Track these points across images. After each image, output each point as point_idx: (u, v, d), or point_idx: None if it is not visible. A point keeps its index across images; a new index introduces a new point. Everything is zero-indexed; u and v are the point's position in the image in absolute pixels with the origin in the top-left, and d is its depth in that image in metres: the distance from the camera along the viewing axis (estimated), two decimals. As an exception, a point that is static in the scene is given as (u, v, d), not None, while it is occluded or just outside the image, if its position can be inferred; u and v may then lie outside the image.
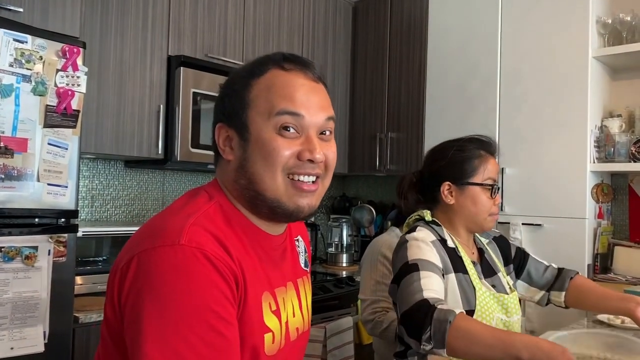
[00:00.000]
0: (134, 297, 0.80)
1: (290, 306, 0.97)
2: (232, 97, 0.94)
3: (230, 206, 0.93)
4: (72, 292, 1.84)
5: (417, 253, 1.40)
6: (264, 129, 0.90)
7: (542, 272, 1.71)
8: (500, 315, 1.47)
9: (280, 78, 0.92)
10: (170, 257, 0.79)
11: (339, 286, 2.80)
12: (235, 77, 0.96)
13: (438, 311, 1.19)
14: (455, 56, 2.96)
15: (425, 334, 1.18)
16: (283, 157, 0.89)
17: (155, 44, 2.49)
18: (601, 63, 2.63)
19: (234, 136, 0.93)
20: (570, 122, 2.56)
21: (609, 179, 2.74)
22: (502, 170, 2.73)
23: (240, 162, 0.92)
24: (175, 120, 2.48)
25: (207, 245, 0.82)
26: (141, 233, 0.87)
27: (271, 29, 3.01)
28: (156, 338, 0.76)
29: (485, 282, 1.52)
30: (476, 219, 1.53)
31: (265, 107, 0.90)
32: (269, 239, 0.96)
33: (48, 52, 1.73)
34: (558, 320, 2.14)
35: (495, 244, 1.70)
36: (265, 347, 0.88)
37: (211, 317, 0.78)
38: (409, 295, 1.28)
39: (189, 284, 0.78)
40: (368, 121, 3.43)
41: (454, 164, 1.53)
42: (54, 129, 1.75)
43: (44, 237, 1.74)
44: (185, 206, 0.90)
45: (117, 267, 0.85)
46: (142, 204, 2.83)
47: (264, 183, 0.90)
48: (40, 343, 1.70)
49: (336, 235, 3.39)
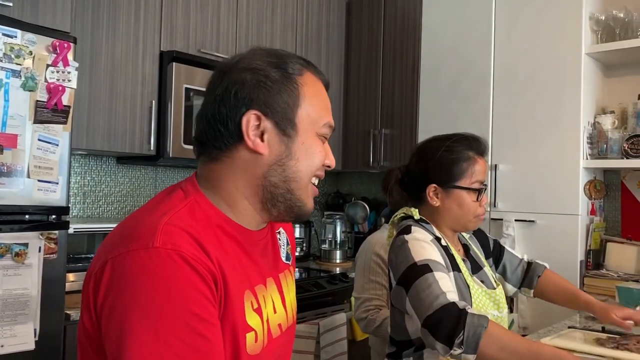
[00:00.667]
0: (110, 305, 0.77)
1: (271, 303, 0.95)
2: (274, 89, 0.89)
3: (208, 203, 0.90)
4: (63, 290, 1.83)
5: (422, 254, 1.37)
6: (310, 131, 0.92)
7: (515, 266, 1.72)
8: (494, 312, 1.47)
9: (319, 85, 0.95)
10: (145, 261, 0.77)
11: (333, 283, 2.80)
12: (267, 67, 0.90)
13: (471, 316, 1.19)
14: (449, 53, 2.96)
15: (458, 339, 1.18)
16: (321, 162, 0.94)
17: (148, 39, 2.47)
18: (594, 60, 2.63)
19: (271, 129, 0.89)
20: (563, 118, 2.56)
21: (601, 175, 2.74)
22: (495, 167, 2.73)
23: (280, 159, 0.90)
24: (167, 116, 2.47)
25: (183, 245, 0.79)
26: (114, 235, 0.84)
27: (264, 24, 2.99)
28: (137, 345, 0.74)
29: (474, 278, 1.52)
30: (461, 221, 1.52)
31: (314, 113, 0.92)
32: (249, 235, 0.93)
33: (38, 47, 1.72)
34: (551, 316, 2.14)
35: (475, 238, 1.69)
36: (247, 346, 0.86)
37: (192, 319, 0.76)
38: (431, 298, 1.26)
39: (166, 287, 0.76)
40: (362, 118, 3.42)
41: (440, 166, 1.49)
42: (44, 125, 1.73)
43: (35, 233, 1.72)
44: (159, 205, 0.87)
45: (90, 272, 0.82)
46: (135, 200, 2.81)
47: (302, 182, 0.92)
48: (30, 341, 1.69)
49: (330, 232, 3.39)
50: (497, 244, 1.74)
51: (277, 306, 0.97)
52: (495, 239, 1.76)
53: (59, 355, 1.81)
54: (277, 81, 0.90)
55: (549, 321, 1.95)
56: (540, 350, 1.17)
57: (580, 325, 1.77)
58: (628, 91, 2.66)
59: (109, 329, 0.77)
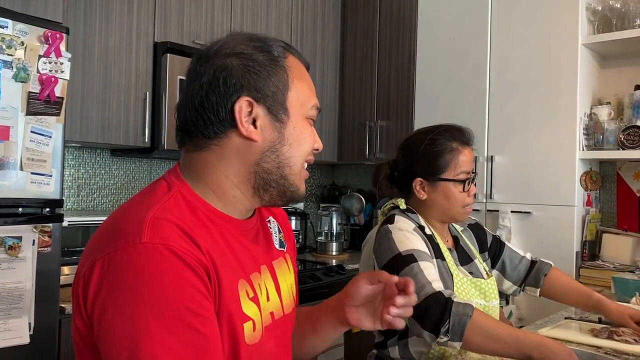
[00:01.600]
0: (100, 305, 0.75)
1: (265, 291, 0.93)
2: (263, 73, 0.87)
3: (193, 194, 0.87)
4: (58, 283, 1.82)
5: (406, 244, 1.38)
6: (299, 115, 0.91)
7: (517, 263, 1.70)
8: (479, 301, 1.47)
9: (302, 68, 0.94)
10: (134, 259, 0.75)
11: (329, 275, 2.80)
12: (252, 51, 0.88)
13: (456, 305, 1.22)
14: (445, 44, 2.94)
15: (444, 327, 1.21)
16: (312, 146, 0.93)
17: (141, 30, 2.44)
18: (591, 50, 2.62)
19: (263, 115, 0.87)
20: (559, 109, 2.56)
21: (597, 166, 2.75)
22: (491, 158, 2.73)
23: (273, 145, 0.88)
24: (161, 108, 2.44)
25: (171, 239, 0.77)
26: (100, 234, 0.82)
27: (259, 15, 2.97)
28: (131, 344, 0.72)
29: (462, 268, 1.52)
30: (449, 212, 1.52)
31: (303, 95, 0.91)
32: (237, 224, 0.91)
33: (30, 38, 1.69)
34: (547, 308, 2.15)
35: (470, 232, 1.69)
36: (245, 336, 0.85)
37: (186, 315, 0.75)
38: (416, 288, 1.25)
39: (157, 284, 0.74)
40: (357, 109, 3.41)
41: (424, 160, 1.50)
42: (37, 117, 1.71)
43: (28, 227, 1.70)
44: (144, 199, 0.85)
45: (79, 273, 0.80)
46: (129, 193, 2.79)
47: (296, 167, 0.91)
48: (25, 335, 1.68)
49: (326, 224, 3.38)
50: (497, 240, 1.73)
51: (271, 294, 0.95)
52: (495, 235, 1.75)
53: (54, 349, 1.80)
54: (265, 65, 0.88)
55: (545, 312, 1.95)
56: (525, 337, 1.19)
57: (576, 316, 1.77)
58: (624, 82, 2.66)
59: (100, 329, 0.75)
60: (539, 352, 1.14)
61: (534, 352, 1.14)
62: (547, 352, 1.13)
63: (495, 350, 1.21)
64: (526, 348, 1.15)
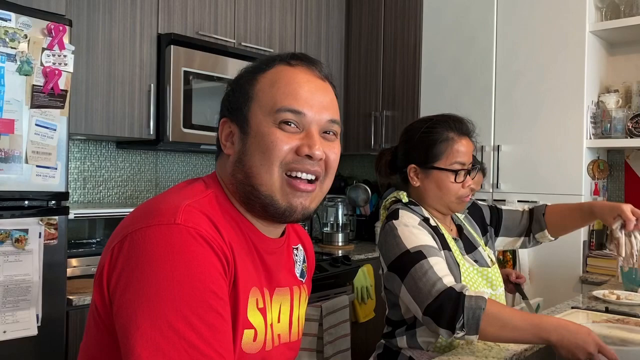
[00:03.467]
0: (126, 277, 0.77)
1: (277, 311, 0.94)
2: (237, 92, 0.93)
3: (226, 200, 0.92)
4: (65, 275, 1.83)
5: (413, 240, 1.38)
6: (264, 122, 0.89)
7: (519, 220, 1.71)
8: (487, 290, 1.47)
9: (286, 73, 0.91)
10: (167, 236, 0.78)
11: (335, 265, 2.80)
12: (243, 73, 0.96)
13: (468, 299, 1.22)
14: (451, 32, 2.92)
15: (459, 323, 1.22)
16: (281, 151, 0.87)
17: (145, 22, 2.44)
18: (598, 38, 2.59)
19: (235, 131, 0.92)
20: (566, 97, 2.54)
21: (605, 155, 2.72)
22: (497, 147, 2.71)
23: (239, 156, 0.90)
24: (166, 100, 2.44)
25: (202, 225, 0.81)
26: (134, 214, 0.85)
27: (263, 5, 2.95)
28: (154, 318, 0.73)
29: (467, 257, 1.51)
30: (442, 201, 1.51)
31: (268, 102, 0.89)
32: (264, 240, 0.94)
33: (33, 31, 1.69)
34: (554, 297, 2.14)
35: (470, 217, 1.68)
36: (243, 342, 0.86)
37: (210, 297, 0.77)
38: (429, 286, 1.28)
39: (187, 263, 0.77)
40: (363, 100, 3.39)
41: (419, 146, 1.50)
42: (41, 110, 1.71)
43: (35, 219, 1.71)
44: (181, 191, 0.89)
45: (108, 248, 0.82)
46: (135, 185, 2.80)
47: (260, 177, 0.88)
48: (33, 326, 1.69)
49: (332, 215, 3.38)
50: (494, 208, 1.73)
51: (283, 317, 0.96)
52: (491, 205, 1.75)
53: (62, 341, 1.82)
54: (242, 84, 0.93)
55: (552, 302, 1.95)
56: (540, 322, 1.18)
57: (583, 305, 1.77)
58: (632, 69, 2.63)
59: (122, 301, 0.76)
60: (557, 334, 1.14)
61: (552, 335, 1.14)
62: (565, 332, 1.13)
63: (512, 338, 1.21)
64: (543, 332, 1.15)
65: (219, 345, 0.76)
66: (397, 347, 1.49)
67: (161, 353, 0.72)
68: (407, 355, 1.46)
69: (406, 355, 1.46)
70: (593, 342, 1.11)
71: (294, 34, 3.13)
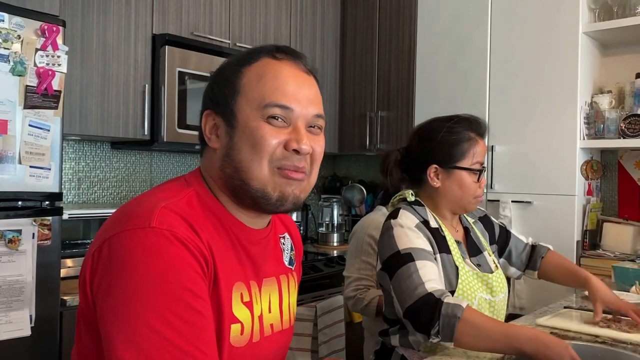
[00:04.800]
0: (107, 282, 0.79)
1: (267, 301, 0.95)
2: (222, 85, 0.93)
3: (210, 195, 0.92)
4: (59, 275, 1.83)
5: (406, 242, 1.39)
6: (252, 117, 0.89)
7: (521, 250, 1.73)
8: (484, 295, 1.47)
9: (272, 67, 0.92)
10: (141, 239, 0.79)
11: (330, 265, 2.81)
12: (226, 65, 0.95)
13: (445, 306, 1.23)
14: (446, 33, 2.93)
15: (434, 329, 1.23)
16: (270, 146, 0.88)
17: (139, 22, 2.44)
18: (591, 39, 2.60)
19: (220, 124, 0.92)
20: (560, 98, 2.55)
21: (598, 155, 2.73)
22: (492, 148, 2.72)
23: (227, 151, 0.91)
24: (161, 100, 2.44)
25: (176, 227, 0.81)
26: (113, 218, 0.87)
27: (258, 5, 2.95)
28: (133, 320, 0.75)
29: (469, 261, 1.52)
30: (461, 202, 1.51)
31: (255, 96, 0.90)
32: (248, 232, 0.94)
33: (26, 31, 1.69)
34: (546, 297, 2.15)
35: (481, 224, 1.69)
36: (231, 337, 0.87)
37: (187, 295, 0.78)
38: (411, 289, 1.30)
39: (162, 264, 0.78)
40: (358, 100, 3.39)
41: (442, 146, 1.49)
42: (34, 110, 1.71)
43: (28, 220, 1.71)
44: (160, 192, 0.90)
45: (89, 253, 0.84)
46: (130, 185, 2.80)
47: (251, 172, 0.89)
48: (26, 327, 1.69)
49: (327, 215, 3.39)
50: (504, 229, 1.74)
51: (273, 307, 0.97)
52: (502, 225, 1.75)
53: (56, 341, 1.81)
54: (227, 77, 0.93)
55: (545, 302, 1.95)
56: (516, 333, 1.18)
57: (576, 305, 1.78)
58: (625, 70, 2.64)
59: (104, 306, 0.78)
60: (531, 346, 1.13)
61: (527, 346, 1.14)
62: (540, 345, 1.12)
63: (487, 348, 1.22)
64: (517, 344, 1.15)
65: (200, 343, 0.77)
66: (392, 345, 1.50)
67: (144, 354, 0.73)
68: (400, 354, 1.48)
69: (399, 354, 1.48)
70: (568, 357, 1.09)
71: (289, 35, 3.14)
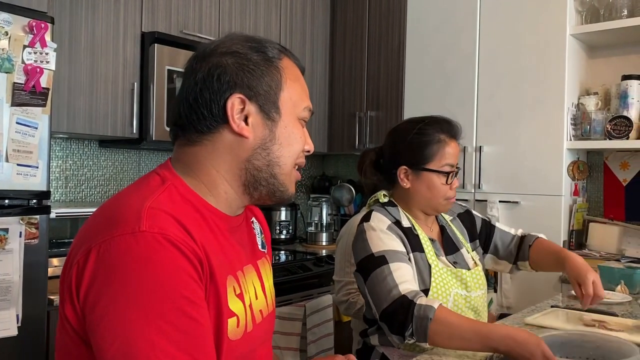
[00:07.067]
0: (95, 292, 0.76)
1: (252, 288, 0.95)
2: (257, 72, 0.89)
3: (187, 188, 0.89)
4: (46, 275, 1.81)
5: (379, 245, 1.40)
6: (291, 115, 0.92)
7: (508, 243, 1.70)
8: (460, 291, 1.48)
9: (297, 70, 0.96)
10: (133, 246, 0.76)
11: (319, 265, 2.81)
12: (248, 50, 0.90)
13: (417, 307, 1.24)
14: (434, 34, 2.94)
15: (408, 331, 1.25)
16: (301, 147, 0.95)
17: (129, 20, 2.42)
18: (578, 41, 2.64)
19: (255, 113, 0.89)
20: (547, 99, 2.57)
21: (584, 156, 2.77)
22: (479, 148, 2.74)
23: (264, 142, 0.90)
24: (149, 98, 2.43)
25: (169, 229, 0.78)
26: (95, 222, 0.83)
27: (248, 4, 2.95)
28: (126, 330, 0.73)
29: (445, 259, 1.53)
30: (431, 203, 1.52)
31: (296, 96, 0.93)
32: (227, 220, 0.93)
33: (14, 28, 1.67)
34: (534, 296, 2.17)
35: (459, 221, 1.69)
36: (228, 331, 0.86)
37: (183, 303, 0.76)
38: (385, 292, 1.31)
39: (156, 272, 0.75)
40: (347, 100, 3.40)
41: (411, 148, 1.51)
42: (22, 108, 1.70)
43: (15, 219, 1.69)
44: (138, 190, 0.86)
45: (71, 260, 0.80)
46: (118, 184, 2.78)
47: (285, 167, 0.92)
48: (13, 326, 1.67)
49: (316, 215, 3.39)
50: (487, 223, 1.72)
51: (259, 293, 0.97)
52: (485, 219, 1.74)
53: (42, 341, 1.80)
54: (259, 64, 0.90)
55: (532, 301, 1.97)
56: (489, 332, 1.19)
57: (563, 304, 1.79)
58: (612, 72, 2.67)
59: (94, 316, 0.75)
60: (504, 344, 1.14)
61: (500, 345, 1.15)
62: (513, 343, 1.13)
63: (461, 347, 1.23)
64: (491, 342, 1.16)
65: (195, 351, 0.76)
66: (372, 345, 1.51)
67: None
68: (380, 352, 1.49)
69: (379, 352, 1.50)
70: (540, 353, 1.09)
71: (279, 34, 3.13)
